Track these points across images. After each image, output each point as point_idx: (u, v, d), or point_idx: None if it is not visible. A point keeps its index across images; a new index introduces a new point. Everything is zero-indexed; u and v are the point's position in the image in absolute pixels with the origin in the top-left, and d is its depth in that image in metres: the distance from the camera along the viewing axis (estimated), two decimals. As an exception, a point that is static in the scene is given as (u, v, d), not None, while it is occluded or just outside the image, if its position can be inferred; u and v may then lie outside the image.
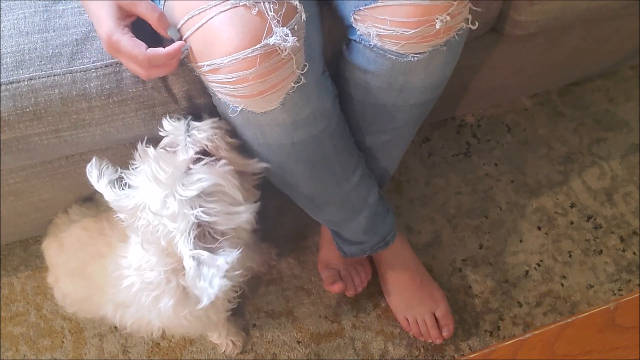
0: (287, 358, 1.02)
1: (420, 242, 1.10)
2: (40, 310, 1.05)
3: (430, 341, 1.01)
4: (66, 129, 0.74)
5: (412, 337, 1.02)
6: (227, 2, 0.61)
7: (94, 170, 0.70)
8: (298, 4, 0.64)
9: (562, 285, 1.07)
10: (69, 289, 0.91)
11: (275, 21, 0.61)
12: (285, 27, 0.61)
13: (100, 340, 1.02)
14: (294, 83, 0.65)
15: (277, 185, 0.82)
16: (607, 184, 1.16)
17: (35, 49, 0.71)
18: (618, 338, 0.64)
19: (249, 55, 0.60)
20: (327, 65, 0.75)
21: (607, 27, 1.03)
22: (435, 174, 1.17)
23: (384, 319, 1.04)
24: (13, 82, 0.70)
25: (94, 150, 0.83)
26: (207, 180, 0.67)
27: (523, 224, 1.12)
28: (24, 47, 0.71)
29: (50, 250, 0.93)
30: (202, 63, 0.63)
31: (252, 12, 0.61)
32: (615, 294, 1.07)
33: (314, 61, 0.68)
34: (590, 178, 1.17)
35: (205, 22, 0.62)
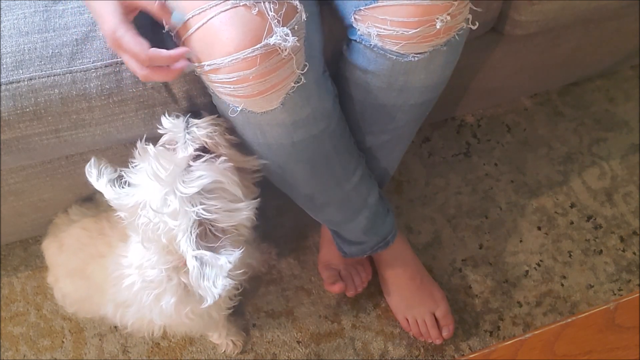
0: (287, 358, 1.01)
1: (420, 242, 1.10)
2: (40, 310, 1.05)
3: (430, 341, 1.01)
4: (66, 129, 0.74)
5: (412, 337, 1.02)
6: (227, 2, 0.61)
7: (93, 170, 0.70)
8: (298, 3, 0.64)
9: (562, 285, 1.07)
10: (69, 289, 0.91)
11: (276, 21, 0.61)
12: (285, 27, 0.61)
13: (100, 340, 1.02)
14: (294, 83, 0.65)
15: (277, 185, 0.82)
16: (607, 184, 1.16)
17: (35, 49, 0.71)
18: (618, 338, 0.64)
19: (249, 55, 0.60)
20: (327, 65, 0.75)
21: (607, 27, 1.03)
22: (435, 174, 1.17)
23: (384, 319, 1.04)
24: (13, 82, 0.70)
25: (94, 150, 0.83)
26: (207, 177, 0.67)
27: (523, 224, 1.12)
28: (24, 47, 0.71)
29: (50, 250, 0.93)
30: (203, 63, 0.63)
31: (253, 12, 0.61)
32: (615, 294, 1.06)
33: (314, 61, 0.68)
34: (590, 178, 1.17)
35: (205, 22, 0.61)
